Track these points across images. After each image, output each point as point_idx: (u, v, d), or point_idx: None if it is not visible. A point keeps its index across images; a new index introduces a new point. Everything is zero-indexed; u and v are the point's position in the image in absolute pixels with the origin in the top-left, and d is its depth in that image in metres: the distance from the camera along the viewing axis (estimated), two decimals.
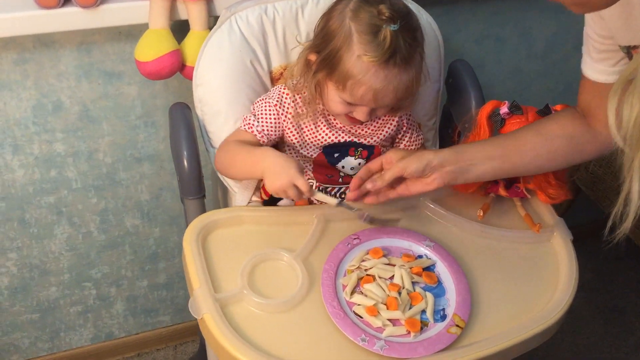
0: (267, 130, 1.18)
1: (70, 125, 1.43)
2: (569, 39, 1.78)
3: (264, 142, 1.19)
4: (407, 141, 1.28)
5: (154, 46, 1.23)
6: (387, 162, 1.10)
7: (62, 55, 1.34)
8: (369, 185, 1.08)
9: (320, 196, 1.11)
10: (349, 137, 1.21)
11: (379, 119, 1.23)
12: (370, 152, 1.23)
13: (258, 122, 1.18)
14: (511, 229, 1.18)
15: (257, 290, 1.02)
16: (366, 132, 1.23)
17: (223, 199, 1.37)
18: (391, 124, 1.24)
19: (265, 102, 1.19)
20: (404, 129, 1.27)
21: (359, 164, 1.23)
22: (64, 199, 1.53)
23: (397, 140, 1.29)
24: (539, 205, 1.23)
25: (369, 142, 1.22)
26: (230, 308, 1.00)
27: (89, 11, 1.22)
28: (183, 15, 1.28)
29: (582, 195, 2.03)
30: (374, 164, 1.12)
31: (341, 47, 1.06)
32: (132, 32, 1.34)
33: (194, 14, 1.26)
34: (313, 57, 1.13)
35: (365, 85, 1.05)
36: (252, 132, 1.18)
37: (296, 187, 1.05)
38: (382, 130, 1.23)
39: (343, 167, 1.22)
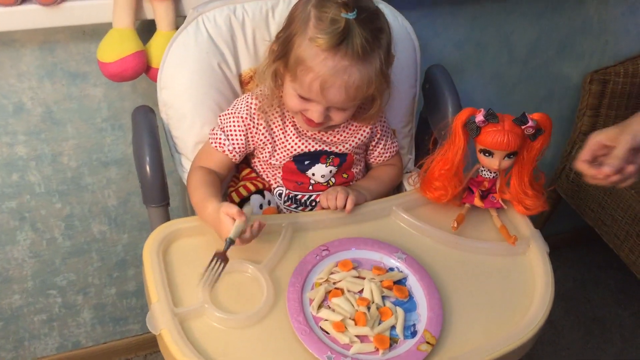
0: (239, 147, 1.15)
1: (33, 128, 1.38)
2: (551, 45, 1.75)
3: (236, 160, 1.17)
4: (381, 148, 1.24)
5: (117, 46, 1.17)
6: (601, 146, 1.04)
7: (23, 55, 1.29)
8: (607, 169, 1.02)
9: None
10: (320, 146, 1.17)
11: (352, 126, 1.18)
12: (342, 159, 1.19)
13: (229, 140, 1.15)
14: (486, 240, 1.15)
15: (219, 304, 0.98)
16: (337, 139, 1.18)
17: (191, 207, 1.31)
18: (364, 131, 1.20)
19: (234, 117, 1.15)
20: (378, 136, 1.23)
21: (330, 171, 1.18)
22: (26, 204, 1.48)
23: (370, 147, 1.24)
24: (515, 217, 1.20)
25: (340, 150, 1.18)
26: (190, 323, 0.96)
27: (50, 9, 1.17)
28: (150, 15, 1.23)
29: (562, 203, 2.00)
30: (586, 154, 1.06)
31: (297, 32, 1.03)
32: (98, 32, 1.28)
33: (161, 14, 1.21)
34: (275, 47, 1.09)
35: (312, 73, 1.01)
36: (224, 151, 1.15)
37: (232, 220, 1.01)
38: (354, 138, 1.19)
39: (313, 174, 1.18)
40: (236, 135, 1.14)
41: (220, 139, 1.15)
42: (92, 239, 1.60)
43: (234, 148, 1.15)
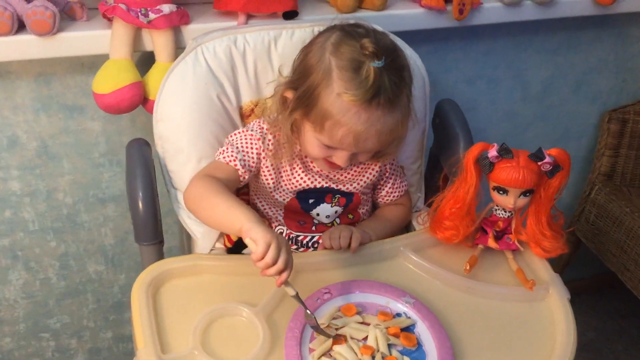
0: (250, 164, 1.08)
1: (27, 162, 1.35)
2: (566, 82, 1.70)
3: (243, 178, 1.08)
4: (389, 187, 1.18)
5: (113, 77, 1.14)
6: None
7: (18, 87, 1.26)
8: None
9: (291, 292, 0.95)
10: (327, 183, 1.11)
11: (360, 164, 1.12)
12: (348, 199, 1.13)
13: (240, 154, 1.07)
14: (501, 285, 1.08)
15: (210, 351, 0.92)
16: (345, 177, 1.12)
17: (188, 246, 1.25)
18: (373, 169, 1.14)
19: (247, 134, 1.09)
20: (387, 174, 1.17)
21: (336, 212, 1.12)
22: (19, 242, 1.44)
23: (378, 186, 1.18)
24: (532, 260, 1.13)
25: (348, 188, 1.12)
26: None
27: (46, 39, 1.14)
28: (149, 46, 1.20)
29: (582, 248, 1.92)
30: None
31: (319, 84, 0.97)
32: (97, 64, 1.25)
33: (160, 45, 1.17)
34: (289, 95, 1.03)
35: (345, 127, 0.96)
36: (235, 165, 1.06)
37: (285, 252, 0.90)
38: (363, 177, 1.13)
39: (318, 214, 1.12)
40: (250, 150, 1.08)
41: (231, 152, 1.07)
42: (88, 279, 1.55)
43: (246, 163, 1.07)
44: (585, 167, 1.87)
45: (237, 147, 1.07)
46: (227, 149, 1.08)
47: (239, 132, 1.10)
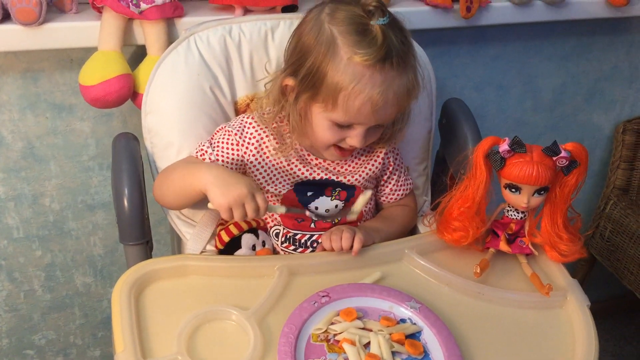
0: (223, 161, 1.03)
1: (12, 165, 1.29)
2: (578, 91, 1.64)
3: None
4: (393, 185, 1.12)
5: (100, 69, 1.08)
6: None
7: (4, 83, 1.21)
8: None
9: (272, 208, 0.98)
10: (326, 175, 1.05)
11: (362, 155, 1.07)
12: (350, 193, 1.07)
13: (213, 150, 1.03)
14: (515, 290, 1.00)
15: (196, 355, 0.85)
16: (347, 169, 1.06)
17: (178, 250, 1.18)
18: (375, 161, 1.08)
19: (224, 131, 1.04)
20: (390, 169, 1.11)
21: (336, 206, 1.05)
22: (3, 250, 1.38)
23: (382, 183, 1.12)
24: (548, 264, 1.06)
25: (349, 180, 1.05)
26: None
27: (32, 30, 1.09)
28: (140, 40, 1.15)
29: (597, 266, 1.83)
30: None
31: (323, 58, 0.92)
32: (86, 60, 1.18)
33: (151, 37, 1.12)
34: (290, 82, 0.97)
35: (361, 95, 0.91)
36: (204, 160, 1.03)
37: (251, 202, 0.89)
38: (366, 167, 1.08)
39: (317, 208, 1.05)
40: (223, 147, 1.03)
41: (204, 147, 1.03)
42: (75, 292, 1.49)
43: (217, 160, 1.02)
44: (599, 181, 1.81)
45: (212, 143, 1.04)
46: (202, 143, 1.04)
47: (220, 129, 1.05)
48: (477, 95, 1.53)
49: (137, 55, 1.20)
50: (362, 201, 0.98)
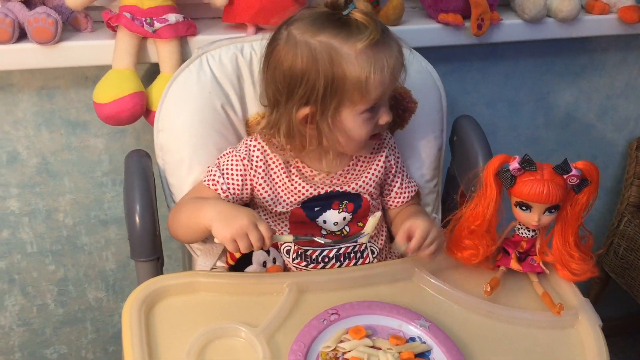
0: (233, 188, 1.03)
1: (27, 180, 1.30)
2: (591, 108, 1.63)
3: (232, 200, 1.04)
4: (397, 187, 1.12)
5: (114, 87, 1.10)
6: None
7: (19, 100, 1.23)
8: None
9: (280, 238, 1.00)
10: (330, 187, 1.05)
11: (363, 161, 1.08)
12: (356, 204, 1.07)
13: (223, 178, 1.03)
14: (526, 309, 0.99)
15: None
16: (348, 178, 1.07)
17: (189, 265, 1.19)
18: (377, 164, 1.08)
19: (233, 156, 1.04)
20: (393, 170, 1.11)
21: (344, 218, 1.05)
22: (16, 265, 1.38)
23: (386, 187, 1.12)
24: (559, 283, 1.04)
25: (353, 188, 1.05)
26: None
27: (48, 49, 1.11)
28: (154, 58, 1.16)
29: (611, 284, 1.81)
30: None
31: (332, 65, 0.92)
32: (100, 77, 1.20)
33: (165, 55, 1.14)
34: (306, 110, 0.96)
35: (379, 68, 0.93)
36: (216, 190, 1.03)
37: (254, 232, 0.90)
38: (368, 172, 1.08)
39: (325, 221, 1.05)
40: (232, 174, 1.03)
41: (214, 176, 1.03)
42: (87, 306, 1.49)
43: (228, 188, 1.03)
44: (612, 198, 1.79)
45: (221, 169, 1.04)
46: (212, 170, 1.04)
47: (228, 153, 1.05)
48: (488, 112, 1.53)
49: (150, 72, 1.21)
50: (372, 223, 0.98)
